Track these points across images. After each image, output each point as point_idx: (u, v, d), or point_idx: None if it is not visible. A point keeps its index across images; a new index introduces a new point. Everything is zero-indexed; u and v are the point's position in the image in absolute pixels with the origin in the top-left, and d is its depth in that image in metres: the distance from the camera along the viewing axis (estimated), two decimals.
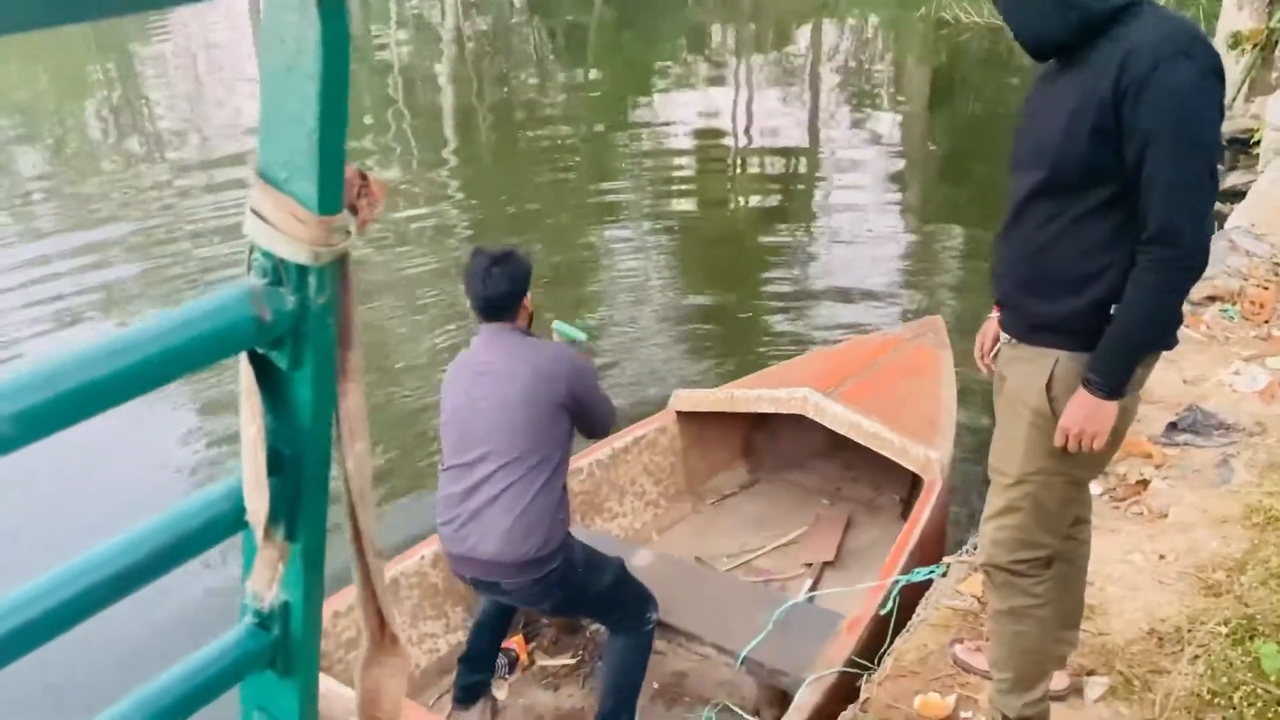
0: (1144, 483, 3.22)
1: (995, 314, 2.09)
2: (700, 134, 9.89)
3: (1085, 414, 1.83)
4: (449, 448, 2.59)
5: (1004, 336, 2.03)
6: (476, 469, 2.51)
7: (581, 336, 2.90)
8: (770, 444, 4.08)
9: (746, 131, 10.16)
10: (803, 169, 8.93)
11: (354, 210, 0.46)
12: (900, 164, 9.07)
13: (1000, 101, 10.33)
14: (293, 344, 0.48)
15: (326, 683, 2.42)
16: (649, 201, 7.89)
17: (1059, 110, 1.78)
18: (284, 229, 0.43)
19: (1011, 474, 1.97)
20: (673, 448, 3.81)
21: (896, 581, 2.81)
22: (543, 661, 3.18)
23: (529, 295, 2.61)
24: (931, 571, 2.92)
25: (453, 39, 15.19)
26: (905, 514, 3.68)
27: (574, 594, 2.61)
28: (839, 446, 3.84)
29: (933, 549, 3.13)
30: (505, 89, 12.23)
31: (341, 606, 2.77)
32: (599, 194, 8.10)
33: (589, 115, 10.68)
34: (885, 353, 3.92)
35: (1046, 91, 1.86)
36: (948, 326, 4.12)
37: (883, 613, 2.72)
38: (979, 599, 2.73)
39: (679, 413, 3.81)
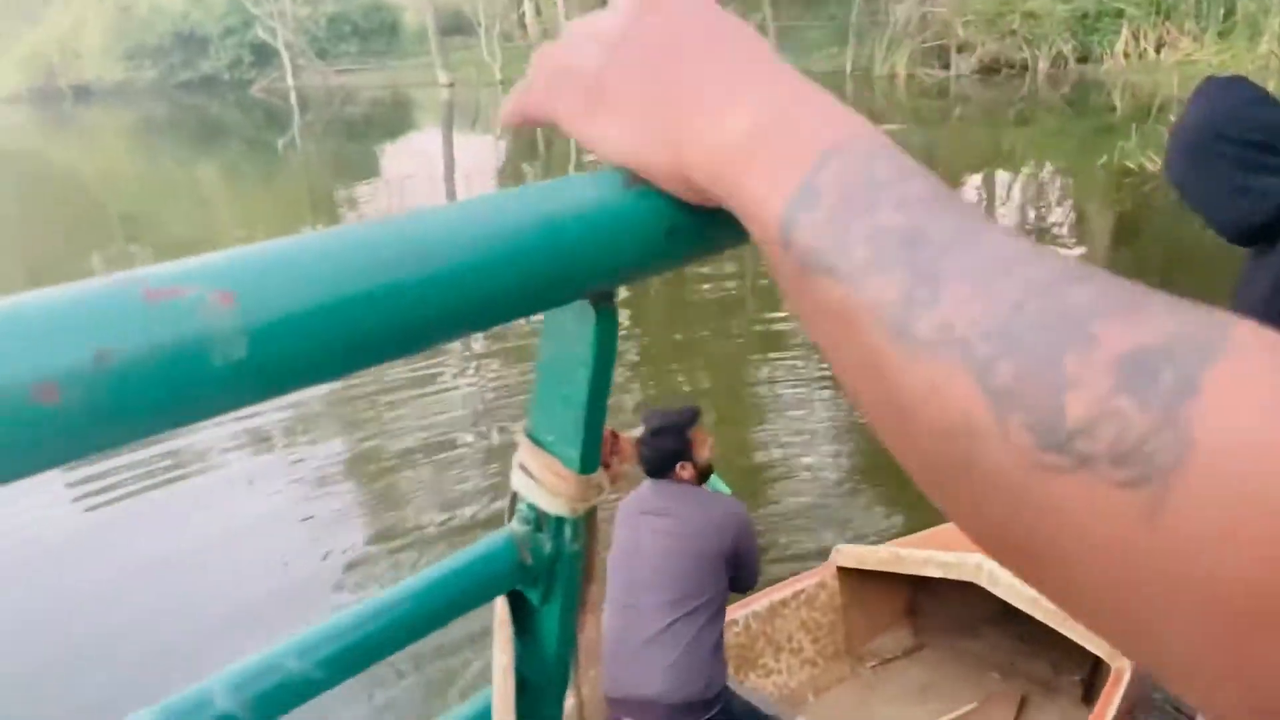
0: None
1: None
2: None
3: None
4: (615, 587, 2.66)
5: None
6: (641, 609, 2.59)
7: (727, 491, 3.07)
8: (938, 607, 3.90)
9: None
10: None
11: (606, 465, 0.51)
12: None
13: (1188, 248, 9.99)
14: (546, 582, 0.53)
15: None
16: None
17: (1254, 292, 1.69)
18: (547, 485, 0.49)
19: None
20: (833, 604, 3.70)
21: None
22: None
23: (701, 445, 2.76)
24: None
25: None
26: (1086, 698, 3.45)
27: None
28: (1013, 615, 3.59)
29: None
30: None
31: None
32: (765, 322, 8.19)
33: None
34: None
35: (1250, 269, 1.75)
36: None
37: None
38: None
39: (840, 568, 3.72)
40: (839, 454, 5.94)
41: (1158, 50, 23.55)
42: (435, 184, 17.75)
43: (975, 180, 15.33)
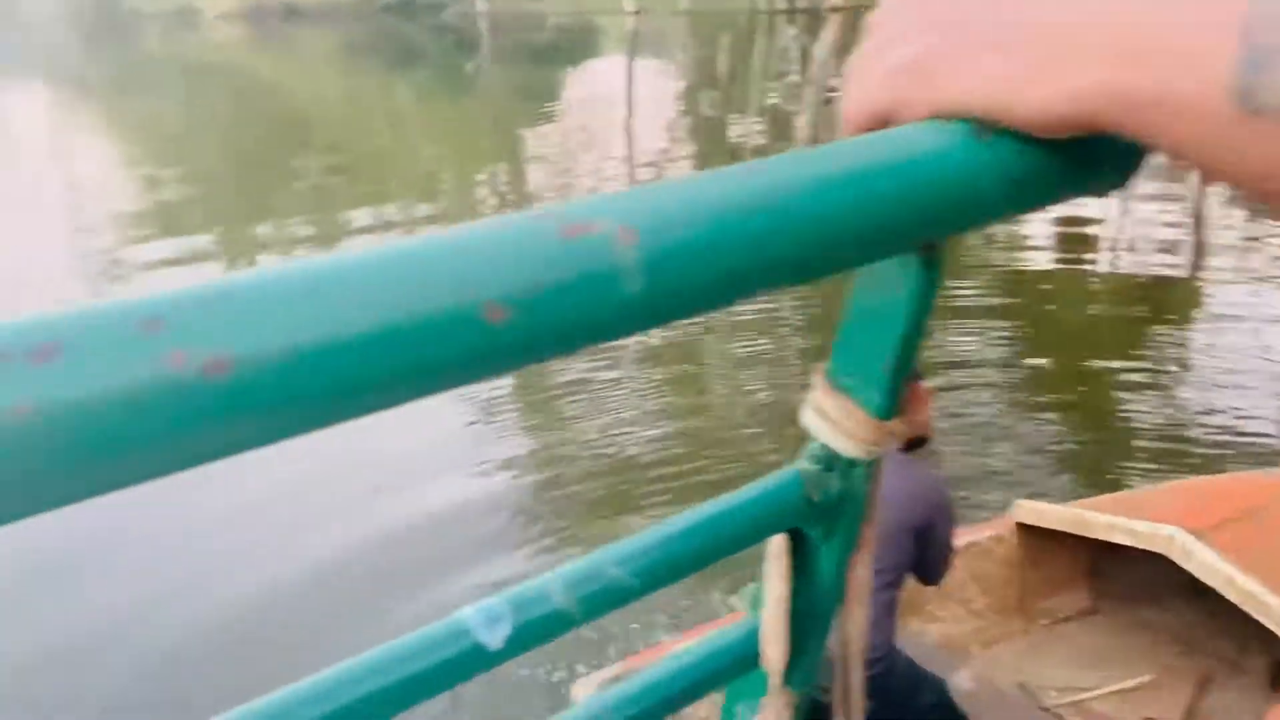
0: None
1: None
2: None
3: None
4: None
5: None
6: None
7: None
8: (1120, 573, 3.73)
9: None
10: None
11: (901, 414, 0.52)
12: None
13: None
14: (828, 521, 0.55)
15: None
16: (991, 278, 7.61)
17: None
18: (844, 428, 0.50)
19: None
20: (1009, 559, 3.60)
21: None
22: None
23: (917, 405, 2.58)
24: None
25: (808, 130, 15.48)
26: (1273, 683, 3.29)
27: (889, 704, 2.54)
28: (1201, 592, 3.40)
29: None
30: None
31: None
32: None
33: None
34: (1273, 496, 3.50)
35: None
36: None
37: None
38: None
39: (1019, 524, 3.60)
40: (1019, 404, 5.74)
41: None
42: (617, 109, 17.84)
43: None
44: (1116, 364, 6.22)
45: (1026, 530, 3.60)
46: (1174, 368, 6.27)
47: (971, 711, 2.62)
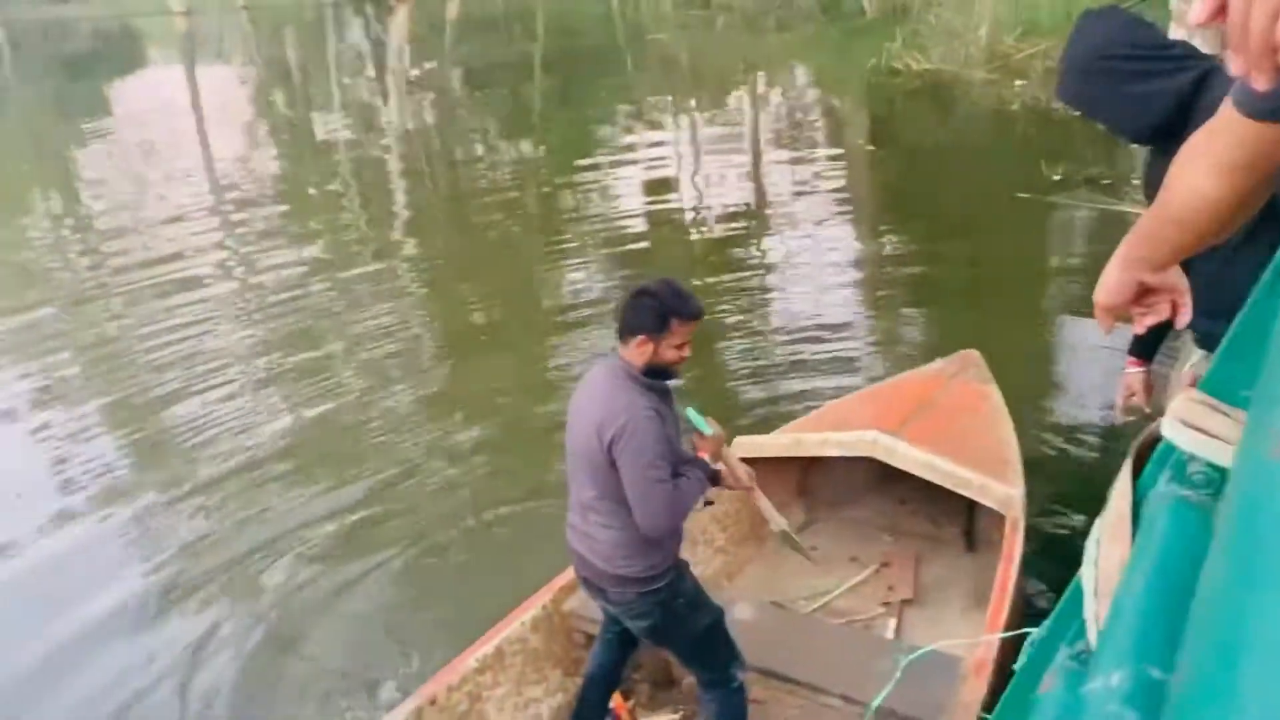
0: None
1: (1132, 365, 2.46)
2: (653, 194, 9.88)
3: None
4: (568, 459, 2.63)
5: (1196, 355, 2.25)
6: (582, 495, 2.58)
7: (708, 431, 2.77)
8: (824, 482, 4.08)
9: (691, 187, 10.16)
10: (753, 224, 8.89)
11: None
12: (849, 209, 9.07)
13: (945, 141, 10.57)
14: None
15: None
16: (601, 272, 7.79)
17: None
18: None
19: None
20: (736, 494, 3.75)
21: (1026, 633, 2.75)
22: (644, 718, 3.14)
23: (671, 342, 2.49)
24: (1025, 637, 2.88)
25: (397, 119, 15.03)
26: (969, 547, 3.83)
27: (671, 623, 2.63)
28: (890, 481, 3.87)
29: (1019, 589, 3.15)
30: (453, 166, 12.02)
31: (454, 680, 2.89)
32: (559, 260, 7.99)
33: (539, 189, 10.54)
34: (936, 390, 3.96)
35: (1152, 164, 2.18)
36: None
37: (1016, 667, 2.64)
38: None
39: (741, 459, 3.74)
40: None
41: None
42: (180, 120, 16.25)
43: (744, 87, 15.58)
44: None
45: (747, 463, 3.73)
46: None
47: (740, 635, 2.75)
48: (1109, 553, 0.61)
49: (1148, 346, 2.59)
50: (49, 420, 5.70)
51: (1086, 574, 0.73)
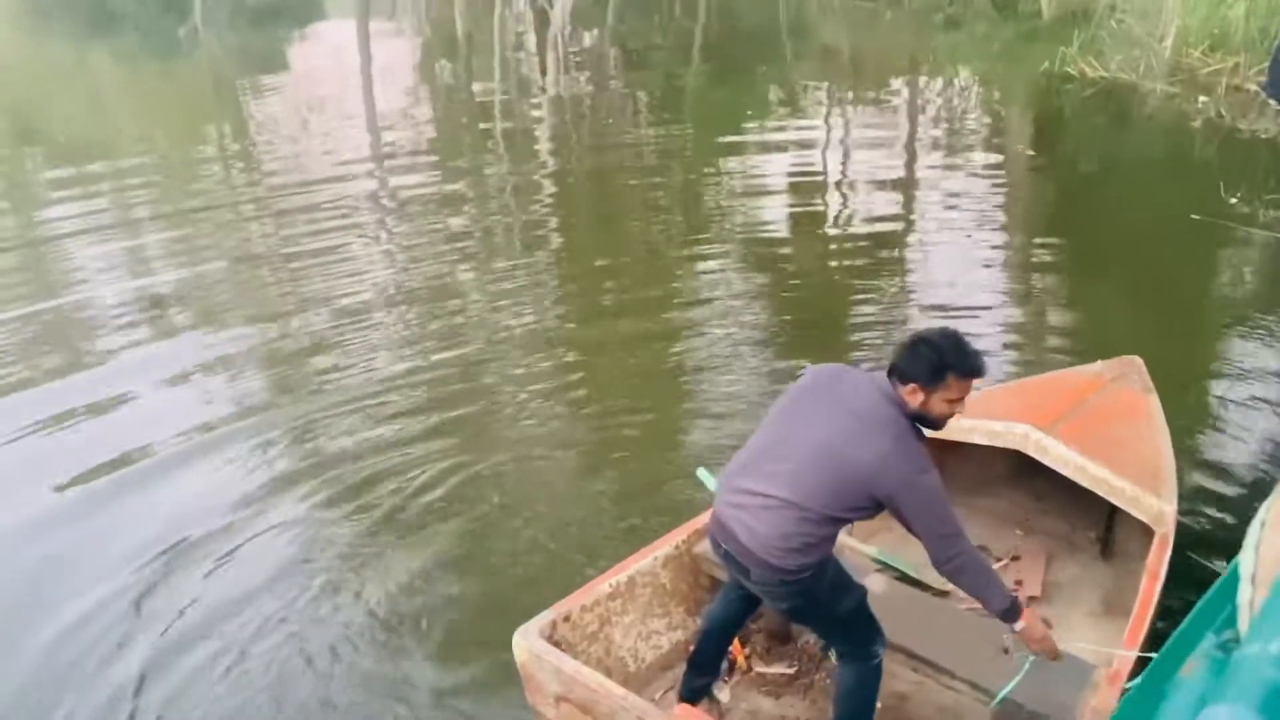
0: None
1: None
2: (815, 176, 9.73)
3: None
4: (764, 442, 2.57)
5: None
6: (774, 487, 2.47)
7: (711, 486, 2.85)
8: (961, 468, 3.95)
9: (839, 184, 9.94)
10: (901, 226, 8.67)
11: None
12: (1005, 215, 8.74)
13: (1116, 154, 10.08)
14: None
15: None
16: (741, 261, 7.71)
17: None
18: None
19: None
20: None
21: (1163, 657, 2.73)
22: (760, 668, 3.22)
23: (946, 399, 2.48)
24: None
25: (553, 96, 15.20)
26: (1103, 553, 3.74)
27: (812, 607, 2.62)
28: (1027, 475, 3.78)
29: (1158, 610, 3.06)
30: (601, 145, 11.99)
31: (588, 600, 3.00)
32: (696, 247, 7.91)
33: (685, 175, 10.46)
34: (1093, 391, 3.84)
35: None
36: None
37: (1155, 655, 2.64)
38: None
39: None
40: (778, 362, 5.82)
41: None
42: (349, 79, 16.88)
43: (906, 82, 15.18)
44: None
45: None
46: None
47: (879, 610, 2.73)
48: (1272, 539, 0.59)
49: None
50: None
51: (1245, 559, 0.67)
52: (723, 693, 3.12)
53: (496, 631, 3.01)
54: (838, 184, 9.83)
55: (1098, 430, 3.58)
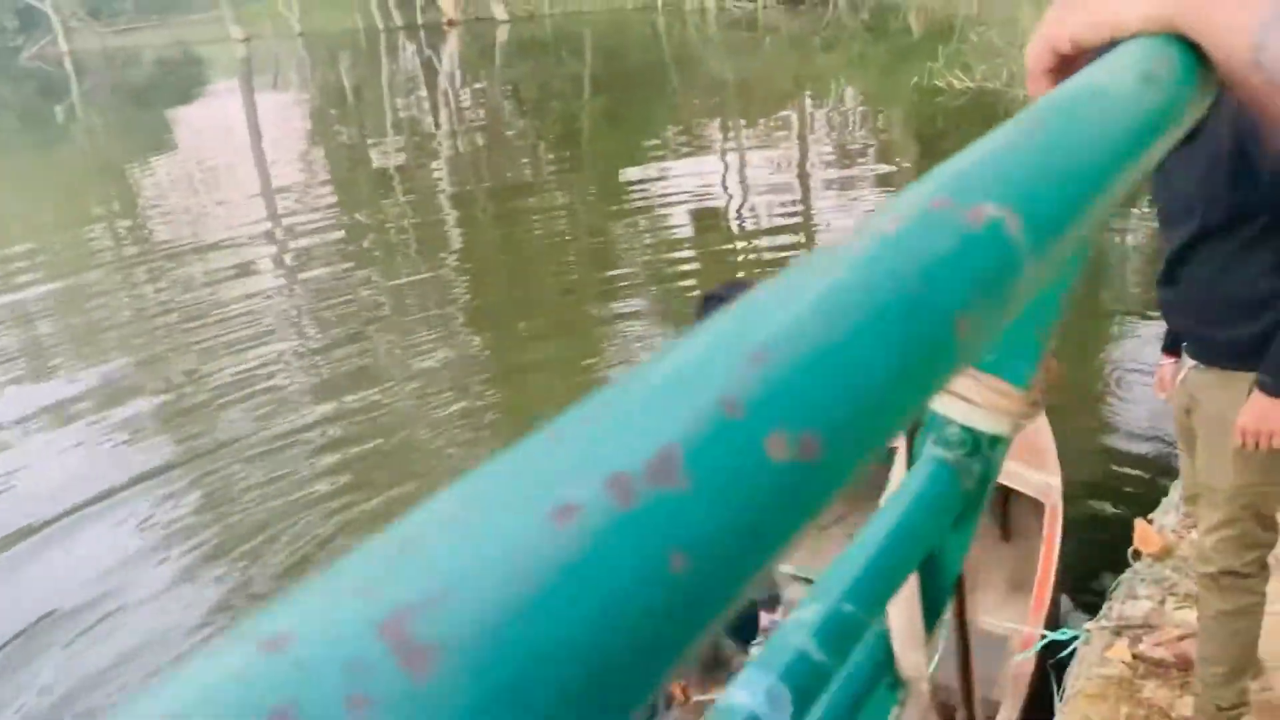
0: None
1: (1166, 359, 2.41)
2: (699, 214, 10.02)
3: (1259, 414, 2.01)
4: None
5: (1189, 363, 2.24)
6: None
7: None
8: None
9: (741, 210, 10.27)
10: (801, 239, 9.00)
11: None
12: None
13: None
14: (966, 508, 0.55)
15: None
16: (653, 288, 7.92)
17: (1193, 168, 1.98)
18: (997, 406, 0.48)
19: (1226, 488, 2.17)
20: None
21: (1048, 637, 2.93)
22: (698, 697, 3.23)
23: None
24: (1075, 638, 3.01)
25: (449, 146, 15.31)
26: (1003, 534, 3.86)
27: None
28: None
29: (1059, 577, 3.23)
30: (502, 186, 12.18)
31: None
32: (602, 281, 8.11)
33: (586, 206, 10.72)
34: None
35: (1174, 154, 2.12)
36: None
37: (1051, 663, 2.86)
38: (1128, 663, 2.85)
39: None
40: None
41: None
42: (238, 147, 16.73)
43: (793, 105, 15.70)
44: None
45: None
46: None
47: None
48: None
49: (1176, 342, 2.68)
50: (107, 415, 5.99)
51: None
52: None
53: None
54: (738, 211, 10.14)
55: None
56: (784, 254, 8.41)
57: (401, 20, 31.90)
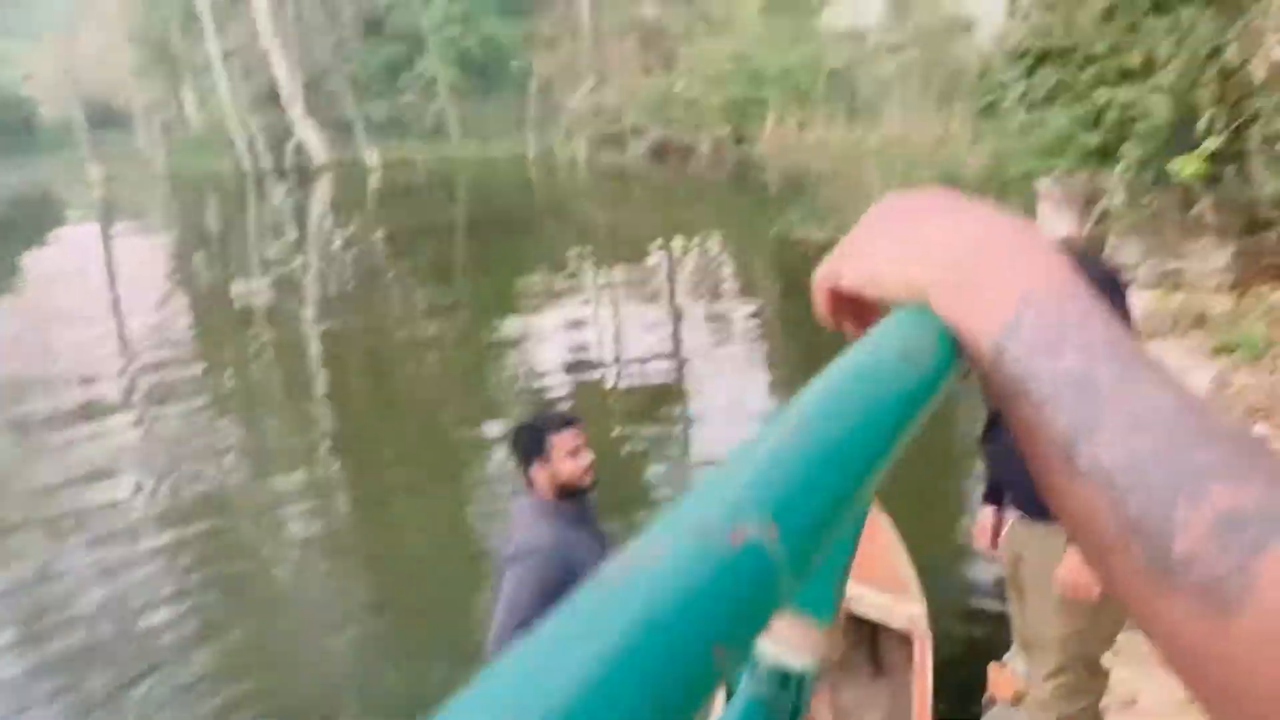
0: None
1: (987, 508, 2.51)
2: (574, 365, 10.18)
3: (1077, 565, 2.13)
4: None
5: (1015, 516, 2.35)
6: None
7: None
8: None
9: (613, 340, 10.53)
10: (673, 376, 9.22)
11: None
12: (760, 362, 9.51)
13: None
14: None
15: None
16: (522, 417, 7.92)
17: None
18: (804, 645, 0.48)
19: (1057, 636, 2.28)
20: None
21: None
22: None
23: (564, 455, 2.58)
24: None
25: (318, 287, 15.16)
26: (875, 671, 3.87)
27: None
28: None
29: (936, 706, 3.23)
30: (373, 324, 12.15)
31: None
32: (471, 412, 8.15)
33: (461, 354, 10.74)
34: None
35: None
36: None
37: None
38: None
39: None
40: None
41: (800, 128, 26.20)
42: (94, 287, 16.15)
43: (661, 252, 16.25)
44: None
45: None
46: None
47: None
48: None
49: (997, 494, 2.74)
50: None
51: None
52: None
53: None
54: (611, 342, 10.37)
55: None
56: (653, 382, 8.70)
57: (271, 164, 31.86)
